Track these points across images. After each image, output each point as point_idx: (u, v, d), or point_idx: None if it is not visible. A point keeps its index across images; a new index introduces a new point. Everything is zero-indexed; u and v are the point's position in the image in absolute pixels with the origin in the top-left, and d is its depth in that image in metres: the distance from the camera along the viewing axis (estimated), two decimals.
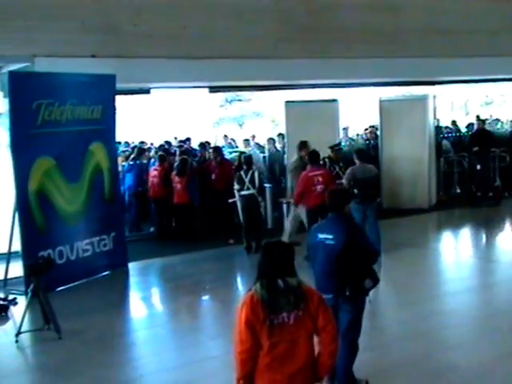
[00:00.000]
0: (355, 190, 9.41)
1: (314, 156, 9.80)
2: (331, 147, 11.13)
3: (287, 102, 12.66)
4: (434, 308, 7.57)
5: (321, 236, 5.22)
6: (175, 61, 9.99)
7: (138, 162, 12.48)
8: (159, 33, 9.98)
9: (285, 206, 11.86)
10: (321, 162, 11.15)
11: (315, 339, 3.74)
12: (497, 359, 5.94)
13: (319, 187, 9.47)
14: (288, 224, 10.46)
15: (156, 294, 9.31)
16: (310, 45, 11.14)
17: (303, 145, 10.40)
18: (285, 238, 9.72)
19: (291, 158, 12.01)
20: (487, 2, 13.25)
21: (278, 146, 14.00)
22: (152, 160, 12.75)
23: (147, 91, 11.48)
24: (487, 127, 17.17)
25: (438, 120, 17.42)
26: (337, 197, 5.40)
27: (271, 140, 14.14)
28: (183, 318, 7.98)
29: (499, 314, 7.16)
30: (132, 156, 12.66)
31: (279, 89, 13.74)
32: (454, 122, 17.71)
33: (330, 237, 5.14)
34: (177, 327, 7.57)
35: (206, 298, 8.72)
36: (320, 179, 9.55)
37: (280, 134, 14.49)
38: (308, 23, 11.19)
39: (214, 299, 8.62)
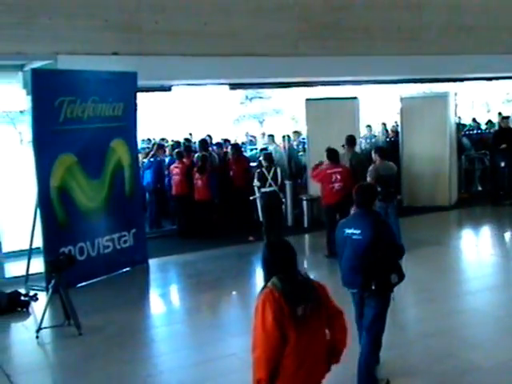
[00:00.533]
0: (378, 188, 9.33)
1: (332, 153, 9.77)
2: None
3: (307, 99, 12.64)
4: (455, 306, 7.54)
5: (348, 231, 5.29)
6: (196, 58, 10.01)
7: (157, 158, 12.53)
8: (180, 30, 10.00)
9: (305, 203, 11.89)
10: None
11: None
12: None
13: (337, 185, 9.47)
14: None
15: (176, 291, 9.34)
16: (330, 42, 11.11)
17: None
18: None
19: (311, 153, 12.03)
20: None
21: (294, 143, 14.01)
22: (171, 157, 12.75)
23: (168, 89, 11.52)
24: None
25: (459, 117, 17.34)
26: (365, 192, 5.45)
27: (287, 137, 14.16)
28: (203, 315, 8.00)
29: None
30: (151, 153, 12.72)
31: (299, 86, 13.72)
32: (474, 120, 17.56)
33: (358, 232, 5.22)
34: (196, 324, 7.58)
35: (226, 294, 8.71)
36: (338, 177, 9.54)
37: (296, 132, 14.50)
38: (328, 21, 11.16)
39: (234, 296, 8.64)
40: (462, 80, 15.78)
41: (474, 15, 12.74)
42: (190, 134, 15.80)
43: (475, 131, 16.47)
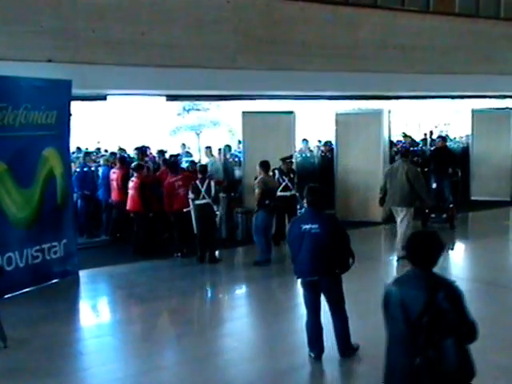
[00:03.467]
0: (266, 201, 10.15)
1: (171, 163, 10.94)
2: (282, 159, 11.35)
3: (244, 112, 12.71)
4: None
5: (305, 226, 6.00)
6: (132, 68, 9.95)
7: (85, 165, 12.42)
8: (117, 39, 9.93)
9: (239, 216, 11.93)
10: (271, 173, 11.37)
11: None
12: None
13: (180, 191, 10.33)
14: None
15: (106, 303, 9.19)
16: (269, 57, 11.24)
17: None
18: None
19: (247, 166, 12.10)
20: (441, 20, 13.61)
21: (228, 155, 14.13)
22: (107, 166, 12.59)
23: (104, 98, 11.38)
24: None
25: (406, 134, 17.84)
26: (315, 193, 6.17)
27: (223, 150, 14.26)
28: (133, 327, 7.89)
29: None
30: (79, 160, 12.63)
31: (237, 99, 13.79)
32: (405, 135, 18.02)
33: (315, 226, 5.96)
34: (127, 336, 7.49)
35: (158, 307, 8.62)
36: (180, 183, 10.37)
37: (227, 146, 14.62)
38: (267, 35, 11.30)
39: (166, 308, 8.56)
40: (396, 98, 16.20)
41: (409, 35, 13.14)
42: (121, 149, 15.35)
43: (411, 148, 16.89)
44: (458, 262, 10.65)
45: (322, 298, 6.36)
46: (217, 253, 10.67)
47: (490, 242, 11.65)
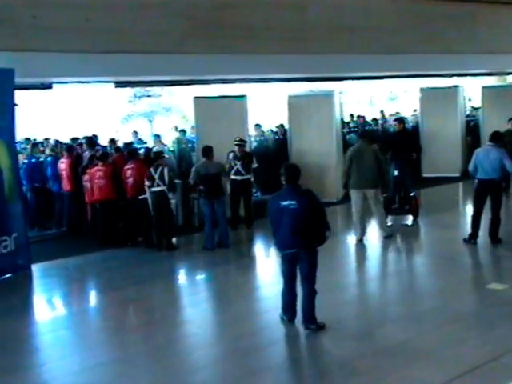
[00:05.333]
0: (201, 187, 10.32)
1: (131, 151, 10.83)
2: (236, 141, 11.36)
3: (196, 97, 12.60)
4: (342, 297, 7.77)
5: (284, 203, 6.46)
6: (78, 55, 9.68)
7: (33, 157, 12.17)
8: (60, 26, 9.62)
9: (195, 202, 11.86)
10: (230, 157, 11.36)
11: None
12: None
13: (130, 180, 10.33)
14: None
15: (61, 296, 8.99)
16: (217, 40, 11.08)
17: None
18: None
19: (200, 151, 11.99)
20: (388, 1, 13.67)
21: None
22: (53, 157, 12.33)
23: (49, 86, 11.09)
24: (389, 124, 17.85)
25: (362, 117, 17.94)
26: (291, 170, 6.61)
27: (178, 137, 14.15)
28: (90, 320, 7.79)
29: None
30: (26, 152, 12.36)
31: (188, 84, 13.64)
32: (358, 117, 18.17)
33: (293, 202, 6.41)
34: (83, 329, 7.37)
35: (114, 297, 8.51)
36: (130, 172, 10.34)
37: (182, 130, 14.48)
38: (213, 19, 11.13)
39: (123, 298, 8.45)
40: (347, 78, 16.29)
41: (357, 16, 13.16)
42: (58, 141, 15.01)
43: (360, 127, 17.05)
44: (410, 238, 10.80)
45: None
46: (174, 240, 10.60)
47: (440, 218, 11.87)
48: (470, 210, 10.70)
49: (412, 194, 11.64)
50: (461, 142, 16.61)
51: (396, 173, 11.42)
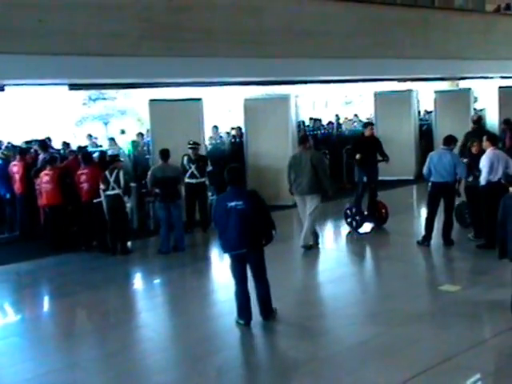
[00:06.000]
0: (156, 190, 10.30)
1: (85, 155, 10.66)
2: (190, 144, 11.33)
3: (151, 100, 12.51)
4: (302, 298, 7.91)
5: (231, 203, 6.57)
6: (30, 57, 9.49)
7: None
8: (12, 26, 9.44)
9: (151, 206, 11.77)
10: (185, 160, 11.33)
11: None
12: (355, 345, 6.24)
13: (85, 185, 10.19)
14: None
15: (13, 302, 8.79)
16: (173, 43, 11.03)
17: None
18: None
19: (156, 155, 11.92)
20: (343, 6, 13.84)
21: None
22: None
23: (1, 89, 10.85)
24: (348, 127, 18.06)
25: (318, 120, 18.03)
26: (234, 172, 6.78)
27: (134, 141, 14.04)
28: (43, 326, 7.66)
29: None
30: None
31: (144, 87, 13.52)
32: (315, 120, 18.29)
33: (240, 202, 6.57)
34: (36, 336, 7.25)
35: (67, 303, 8.37)
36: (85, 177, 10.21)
37: (140, 134, 14.37)
38: (170, 21, 11.08)
39: (77, 304, 8.33)
40: (303, 82, 16.40)
41: (313, 20, 13.27)
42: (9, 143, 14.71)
43: (319, 131, 17.21)
44: (364, 241, 10.93)
45: None
46: (129, 244, 10.50)
47: (394, 221, 12.02)
48: (423, 212, 10.91)
49: (378, 200, 11.48)
50: (414, 145, 16.91)
51: (365, 179, 11.25)
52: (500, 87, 18.61)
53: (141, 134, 14.51)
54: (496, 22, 17.91)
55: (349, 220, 11.37)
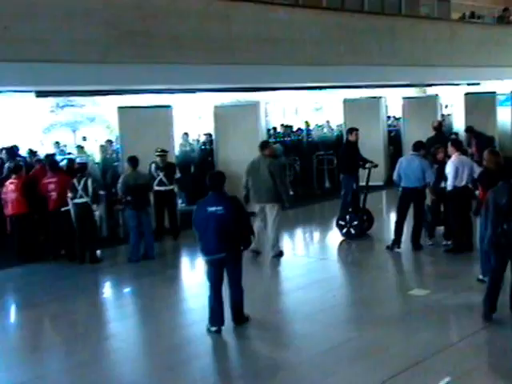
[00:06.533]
0: (128, 198, 10.15)
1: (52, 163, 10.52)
2: (157, 152, 11.27)
3: (120, 107, 12.41)
4: (274, 305, 7.91)
5: (211, 209, 6.66)
6: None
7: None
8: None
9: (120, 214, 11.67)
10: (153, 168, 11.28)
11: None
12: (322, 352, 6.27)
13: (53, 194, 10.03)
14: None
15: None
16: (142, 50, 11.01)
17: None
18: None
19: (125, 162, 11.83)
20: (310, 14, 13.96)
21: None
22: None
23: None
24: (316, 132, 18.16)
25: (288, 126, 18.05)
26: (215, 178, 6.93)
27: (103, 147, 13.91)
28: (8, 337, 7.51)
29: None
30: None
31: (113, 94, 13.44)
32: (286, 126, 18.34)
33: (220, 208, 6.64)
34: (2, 347, 7.10)
35: (35, 313, 8.24)
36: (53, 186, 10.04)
37: (108, 140, 14.27)
38: (140, 28, 11.06)
39: (45, 314, 8.20)
40: (273, 89, 16.47)
41: (282, 28, 13.36)
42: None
43: (288, 138, 17.28)
44: (334, 247, 10.99)
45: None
46: (98, 252, 10.39)
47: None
48: (393, 217, 10.99)
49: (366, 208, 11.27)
50: (383, 151, 17.05)
51: (355, 186, 11.06)
52: (466, 94, 18.94)
53: (109, 141, 14.40)
54: (461, 29, 18.26)
55: (345, 230, 10.95)
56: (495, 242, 6.57)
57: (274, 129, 17.93)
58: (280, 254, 10.02)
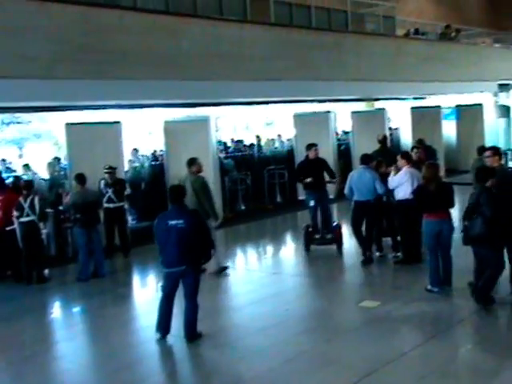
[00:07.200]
0: (77, 215, 10.01)
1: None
2: (106, 169, 11.14)
3: (68, 123, 12.21)
4: (224, 322, 7.82)
5: (172, 222, 6.75)
6: None
7: None
8: None
9: (69, 232, 11.44)
10: (102, 185, 11.13)
11: None
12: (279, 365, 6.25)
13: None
14: None
15: None
16: (89, 65, 10.85)
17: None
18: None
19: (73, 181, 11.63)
20: (259, 30, 14.06)
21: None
22: None
23: None
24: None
25: (238, 141, 18.04)
26: (176, 191, 7.05)
27: (51, 164, 13.65)
28: None
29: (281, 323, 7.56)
30: None
31: (59, 110, 13.21)
32: (236, 141, 18.37)
33: (181, 221, 6.73)
34: None
35: None
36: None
37: (56, 158, 14.04)
38: (86, 43, 10.90)
39: None
40: (224, 104, 16.48)
41: (231, 43, 13.40)
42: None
43: (239, 153, 17.30)
44: (289, 260, 11.03)
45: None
46: (46, 272, 10.15)
47: None
48: (345, 231, 11.11)
49: (335, 224, 11.17)
50: (333, 164, 17.17)
51: (312, 203, 10.90)
52: (412, 108, 19.37)
53: (57, 159, 14.15)
54: (406, 45, 18.69)
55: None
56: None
57: (225, 144, 17.94)
58: (221, 269, 9.90)
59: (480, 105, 21.93)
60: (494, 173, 7.66)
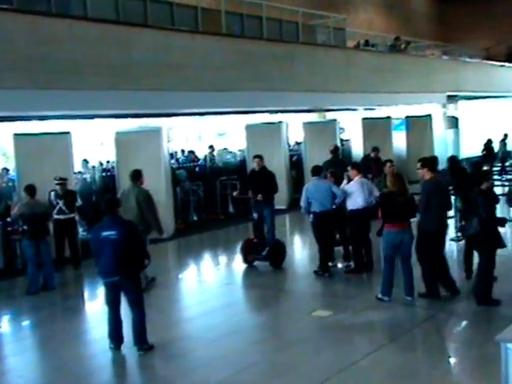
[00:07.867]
0: (25, 227, 9.83)
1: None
2: (56, 180, 10.95)
3: (16, 134, 11.97)
4: (175, 334, 7.74)
5: (105, 233, 6.76)
6: None
7: None
8: None
9: (17, 244, 11.19)
10: (52, 196, 10.97)
11: None
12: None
13: None
14: None
15: None
16: (38, 75, 10.68)
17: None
18: None
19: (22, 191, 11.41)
20: (210, 40, 14.10)
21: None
22: None
23: None
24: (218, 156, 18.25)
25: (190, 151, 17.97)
26: (109, 202, 7.10)
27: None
28: None
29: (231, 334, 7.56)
30: None
31: (6, 120, 12.94)
32: (189, 152, 18.34)
33: (114, 232, 6.74)
34: None
35: None
36: None
37: (5, 169, 13.77)
38: (35, 53, 10.73)
39: None
40: (176, 115, 16.44)
41: (183, 54, 13.39)
42: None
43: (192, 163, 17.27)
44: (239, 271, 11.03)
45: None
46: None
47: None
48: (296, 240, 11.19)
49: (276, 239, 10.94)
50: (286, 175, 17.33)
51: (255, 216, 10.77)
52: (364, 118, 19.68)
53: (5, 170, 13.87)
54: (356, 57, 19.02)
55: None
56: None
57: (176, 155, 17.89)
58: (149, 282, 9.68)
59: (429, 116, 22.42)
60: (488, 176, 8.00)
